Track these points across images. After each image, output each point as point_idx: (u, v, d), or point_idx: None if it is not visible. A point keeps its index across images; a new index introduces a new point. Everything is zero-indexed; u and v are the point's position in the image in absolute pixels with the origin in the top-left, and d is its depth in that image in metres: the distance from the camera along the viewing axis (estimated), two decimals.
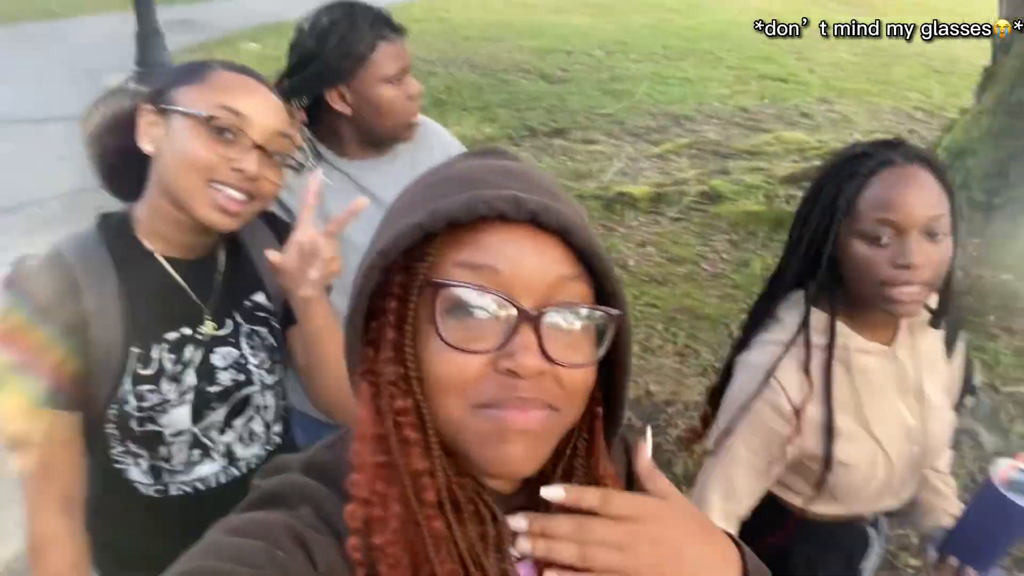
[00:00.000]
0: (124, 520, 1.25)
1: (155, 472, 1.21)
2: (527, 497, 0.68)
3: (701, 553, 0.64)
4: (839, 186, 1.22)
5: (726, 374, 1.40)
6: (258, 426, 1.30)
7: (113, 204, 1.24)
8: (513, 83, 8.04)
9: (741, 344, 1.38)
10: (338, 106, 1.60)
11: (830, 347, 1.26)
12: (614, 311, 0.63)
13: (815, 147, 5.93)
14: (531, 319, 0.58)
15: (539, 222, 0.59)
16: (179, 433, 1.18)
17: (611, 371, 0.68)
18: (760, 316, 1.36)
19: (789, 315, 1.31)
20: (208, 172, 1.10)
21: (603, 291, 0.63)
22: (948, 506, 1.46)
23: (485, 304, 0.59)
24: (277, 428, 1.35)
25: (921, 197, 1.16)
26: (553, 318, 0.60)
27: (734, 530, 1.32)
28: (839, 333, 1.27)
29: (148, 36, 7.13)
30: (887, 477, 1.30)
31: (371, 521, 0.60)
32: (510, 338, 0.58)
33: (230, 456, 1.26)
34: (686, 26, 10.99)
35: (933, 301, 1.32)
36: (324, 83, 1.58)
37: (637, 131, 6.85)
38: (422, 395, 0.61)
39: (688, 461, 2.97)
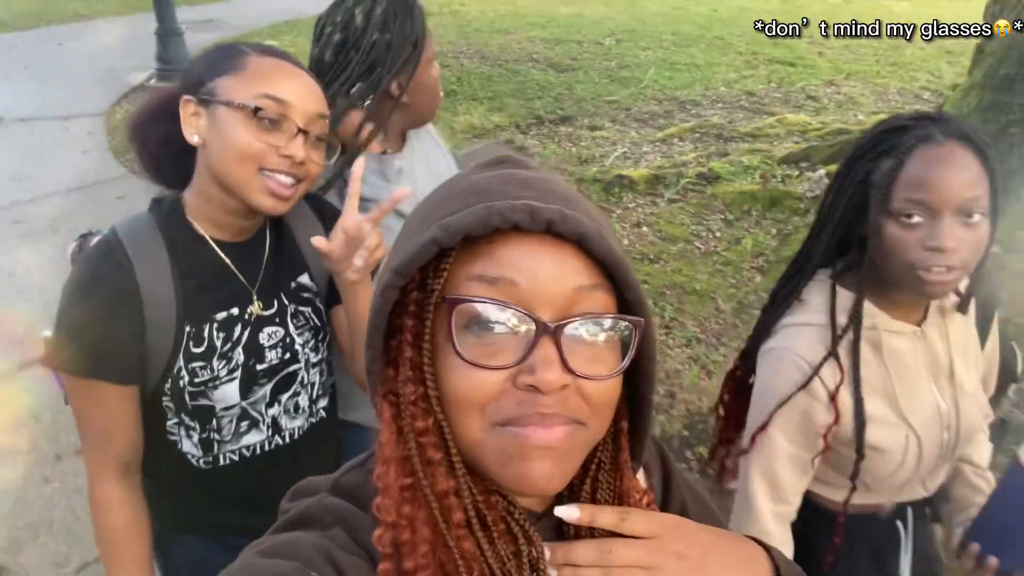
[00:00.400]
0: (174, 486, 1.31)
1: (206, 445, 1.27)
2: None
3: (727, 561, 0.64)
4: (874, 162, 1.16)
5: (744, 360, 1.36)
6: (303, 401, 1.34)
7: (133, 194, 1.35)
8: (523, 73, 8.17)
9: (763, 329, 1.32)
10: (399, 95, 1.55)
11: (856, 328, 1.21)
12: (637, 319, 0.60)
13: (816, 128, 5.97)
14: (551, 332, 0.56)
15: (556, 231, 0.57)
16: (229, 407, 1.24)
17: (635, 381, 0.66)
18: (784, 298, 1.30)
19: (814, 296, 1.26)
20: (258, 161, 1.14)
21: (625, 299, 0.61)
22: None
23: (503, 318, 0.57)
24: (322, 403, 1.39)
25: (957, 177, 1.09)
26: (574, 330, 0.58)
27: (787, 533, 1.29)
28: (868, 314, 1.22)
29: (168, 35, 7.40)
30: (916, 463, 1.25)
31: (400, 545, 0.58)
32: (530, 352, 0.56)
33: (276, 427, 1.32)
34: (698, 13, 11.02)
35: (963, 285, 1.26)
36: (393, 75, 1.51)
37: (642, 117, 6.95)
38: (443, 414, 0.59)
39: (667, 425, 3.11)
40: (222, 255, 1.24)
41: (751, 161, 5.43)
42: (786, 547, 1.26)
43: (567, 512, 0.63)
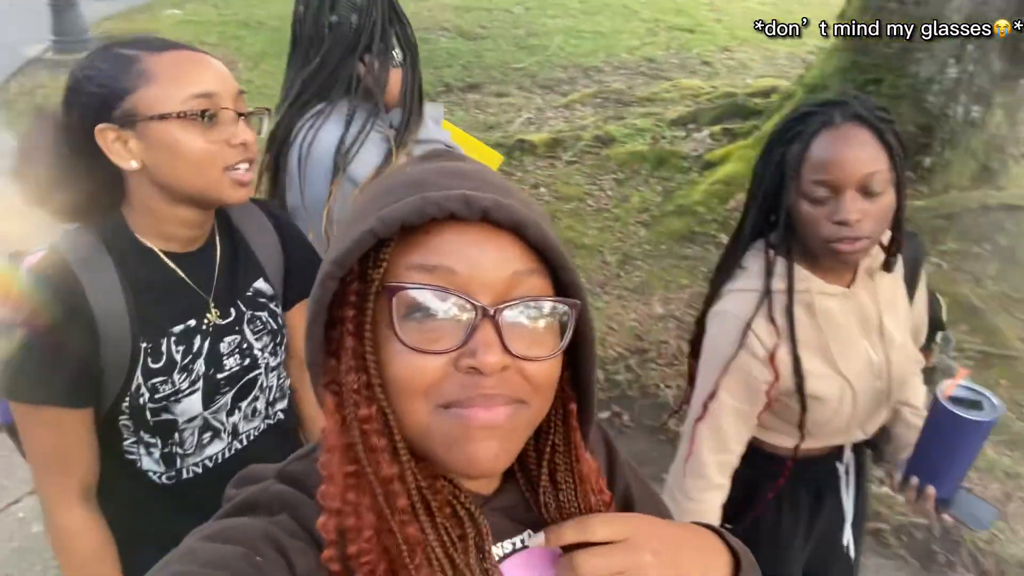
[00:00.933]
0: (135, 505, 1.27)
1: (168, 459, 1.24)
2: (506, 497, 0.70)
3: (693, 552, 0.68)
4: (786, 146, 1.28)
5: (700, 328, 1.44)
6: (261, 404, 1.34)
7: None
8: (432, 41, 8.26)
9: (711, 296, 1.42)
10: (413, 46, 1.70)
11: (790, 291, 1.31)
12: (574, 301, 0.63)
13: (707, 92, 6.31)
14: (490, 315, 0.58)
15: (491, 219, 0.59)
16: (191, 419, 1.22)
17: (577, 364, 0.68)
18: (726, 268, 1.41)
19: (752, 264, 1.37)
20: (221, 161, 1.13)
21: (561, 283, 0.63)
22: None
23: (443, 305, 0.58)
24: (280, 405, 1.39)
25: (855, 155, 1.21)
26: (512, 313, 0.60)
27: (726, 480, 1.40)
28: (800, 278, 1.32)
29: (62, 6, 7.20)
30: (853, 410, 1.36)
31: (345, 531, 0.59)
32: (470, 336, 0.58)
33: (235, 433, 1.31)
34: None
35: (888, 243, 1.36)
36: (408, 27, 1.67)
37: (548, 83, 7.17)
38: (386, 401, 0.60)
39: None
40: (174, 267, 1.21)
41: (644, 124, 5.72)
42: (722, 492, 1.40)
43: (536, 542, 0.66)
